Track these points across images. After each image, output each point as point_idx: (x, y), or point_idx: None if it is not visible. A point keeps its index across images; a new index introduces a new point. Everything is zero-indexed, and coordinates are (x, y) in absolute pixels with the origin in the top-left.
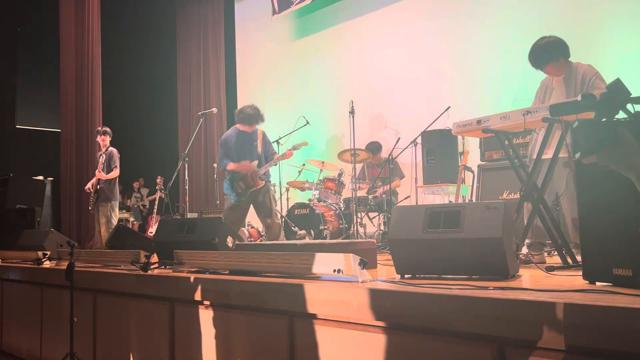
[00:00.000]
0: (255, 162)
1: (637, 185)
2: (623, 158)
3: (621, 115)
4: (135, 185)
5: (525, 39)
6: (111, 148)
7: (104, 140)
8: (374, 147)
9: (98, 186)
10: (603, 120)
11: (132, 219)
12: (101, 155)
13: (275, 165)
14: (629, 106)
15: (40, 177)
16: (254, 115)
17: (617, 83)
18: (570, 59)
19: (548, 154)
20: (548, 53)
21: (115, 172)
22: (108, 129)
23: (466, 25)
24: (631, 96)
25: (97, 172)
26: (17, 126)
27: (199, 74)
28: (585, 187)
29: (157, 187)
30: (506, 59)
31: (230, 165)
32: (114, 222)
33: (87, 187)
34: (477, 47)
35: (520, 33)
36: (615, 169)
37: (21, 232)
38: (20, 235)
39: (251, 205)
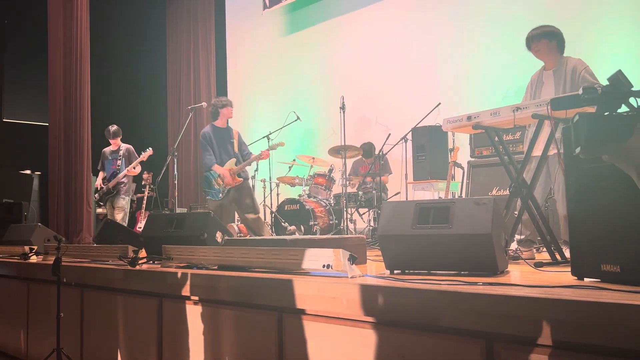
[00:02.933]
0: (233, 160)
1: (637, 183)
2: (627, 154)
3: (623, 109)
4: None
5: (516, 35)
6: (127, 145)
7: (117, 142)
8: (368, 148)
9: (122, 181)
10: (606, 114)
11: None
12: (116, 152)
13: (251, 164)
14: (632, 99)
15: (28, 171)
16: (219, 103)
17: (618, 75)
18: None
19: (538, 151)
20: (546, 32)
21: (139, 168)
22: (116, 128)
23: (457, 21)
24: (633, 89)
25: (128, 169)
26: (4, 120)
27: (188, 68)
28: (573, 183)
29: (142, 183)
30: (497, 55)
31: (215, 167)
32: (128, 214)
33: (97, 184)
34: (468, 43)
35: (511, 30)
36: (617, 164)
37: (8, 226)
38: (7, 230)
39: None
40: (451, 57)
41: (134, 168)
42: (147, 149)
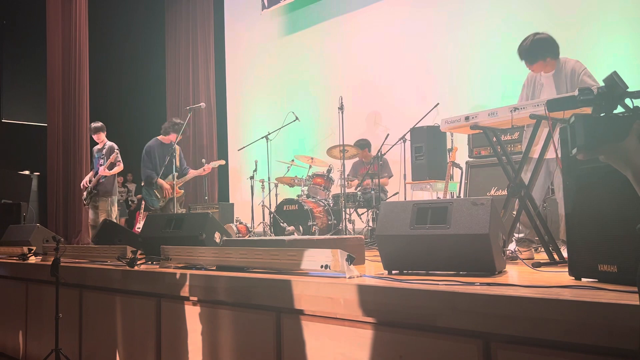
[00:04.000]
0: (174, 176)
1: (633, 184)
2: (623, 155)
3: (619, 109)
4: (119, 179)
5: (514, 35)
6: (110, 143)
7: (99, 137)
8: (362, 144)
9: (100, 181)
10: (602, 115)
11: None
12: (100, 150)
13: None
14: (627, 100)
15: (27, 172)
16: (181, 126)
17: (614, 76)
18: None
19: (535, 151)
20: (537, 51)
21: (120, 167)
22: (99, 124)
23: (455, 21)
24: (628, 90)
25: (101, 169)
26: (2, 120)
27: (187, 68)
28: (571, 184)
29: (142, 184)
30: (495, 55)
31: (160, 181)
32: (113, 216)
33: (84, 182)
34: (466, 43)
35: (509, 29)
36: (614, 165)
37: (6, 227)
38: (6, 231)
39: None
40: (449, 58)
41: (107, 169)
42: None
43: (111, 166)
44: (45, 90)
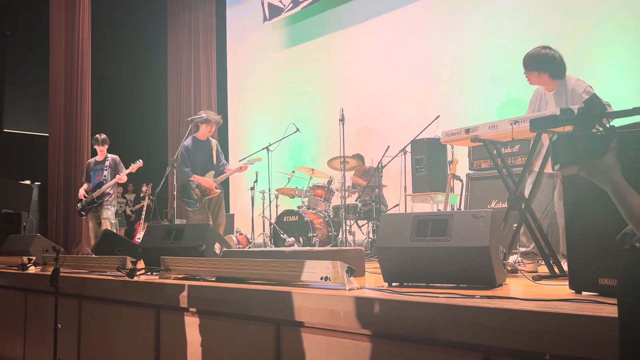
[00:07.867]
0: (212, 173)
1: (612, 199)
2: (602, 171)
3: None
4: (119, 190)
5: (514, 48)
6: (113, 155)
7: (102, 149)
8: (357, 158)
9: (110, 190)
10: (582, 133)
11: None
12: (101, 162)
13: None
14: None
15: (28, 182)
16: (211, 117)
17: (594, 99)
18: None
19: (536, 165)
20: (533, 63)
21: (125, 178)
22: (105, 137)
23: (456, 34)
24: (606, 111)
25: (117, 178)
26: (4, 130)
27: (189, 80)
28: (570, 197)
29: (141, 195)
30: (496, 68)
31: (194, 177)
32: (113, 227)
33: (81, 194)
34: (467, 56)
35: (509, 43)
36: (594, 180)
37: (7, 236)
38: (6, 240)
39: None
40: (450, 70)
41: (112, 177)
42: (137, 161)
43: (114, 175)
44: (47, 100)
